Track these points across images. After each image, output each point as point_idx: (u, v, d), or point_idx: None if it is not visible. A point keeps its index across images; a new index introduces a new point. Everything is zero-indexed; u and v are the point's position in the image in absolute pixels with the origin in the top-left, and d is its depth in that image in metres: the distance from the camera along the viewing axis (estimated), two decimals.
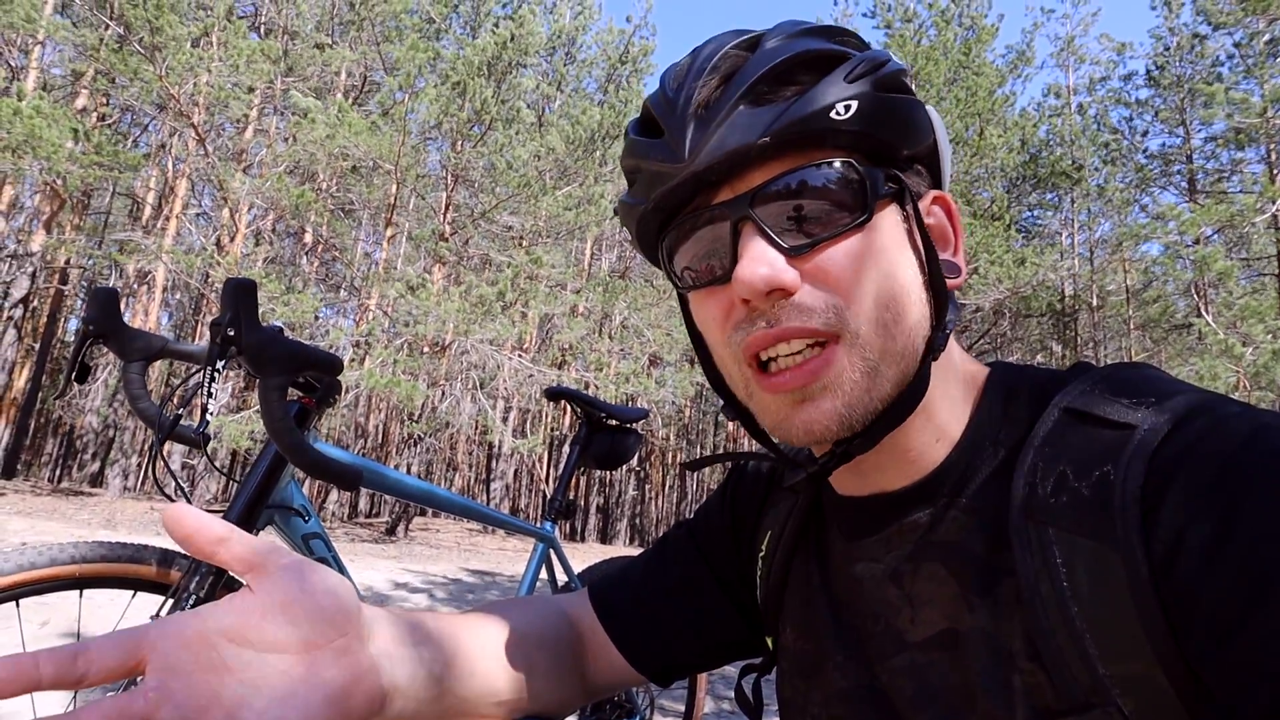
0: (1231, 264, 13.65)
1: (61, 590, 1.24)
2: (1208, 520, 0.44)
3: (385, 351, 13.30)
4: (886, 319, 0.55)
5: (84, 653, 0.43)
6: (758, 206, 0.55)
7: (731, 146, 0.54)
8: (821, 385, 0.55)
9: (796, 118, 0.53)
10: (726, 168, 0.55)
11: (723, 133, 0.54)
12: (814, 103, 0.53)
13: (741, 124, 0.54)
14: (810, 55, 0.56)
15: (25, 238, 16.39)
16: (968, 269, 10.85)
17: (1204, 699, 0.44)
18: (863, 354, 0.55)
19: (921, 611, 0.58)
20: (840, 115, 0.53)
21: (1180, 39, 19.80)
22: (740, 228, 0.56)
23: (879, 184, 0.56)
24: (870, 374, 0.55)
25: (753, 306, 0.55)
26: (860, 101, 0.54)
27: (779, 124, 0.53)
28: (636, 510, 33.16)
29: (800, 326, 0.54)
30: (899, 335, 0.56)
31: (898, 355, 0.56)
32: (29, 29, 13.45)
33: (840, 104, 0.53)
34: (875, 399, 0.56)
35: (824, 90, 0.54)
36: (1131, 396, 0.52)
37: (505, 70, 16.02)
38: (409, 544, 13.52)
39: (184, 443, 1.40)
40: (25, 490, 14.53)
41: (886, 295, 0.55)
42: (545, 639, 0.77)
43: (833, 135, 0.54)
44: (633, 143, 0.60)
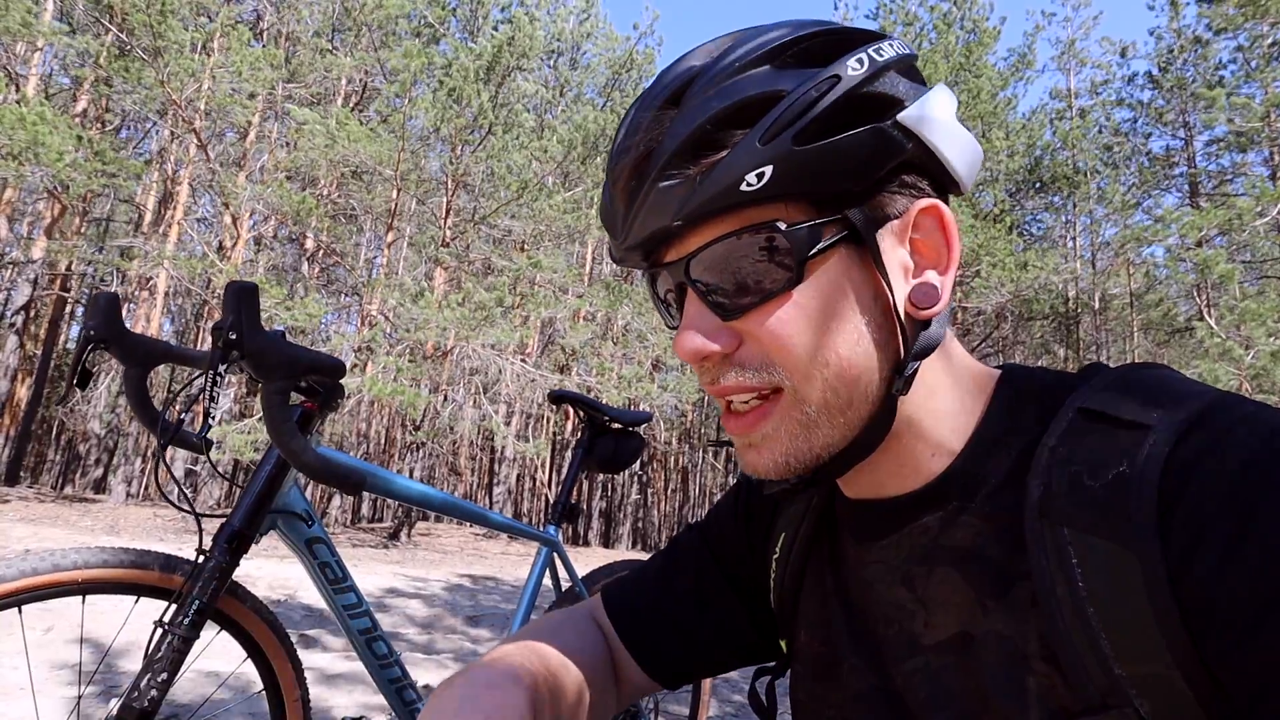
0: (1233, 267, 13.62)
1: (64, 596, 1.24)
2: (1226, 520, 0.44)
3: (387, 358, 13.31)
4: (826, 375, 0.55)
5: None
6: (694, 272, 0.57)
7: (650, 229, 0.56)
8: (760, 436, 0.58)
9: (704, 198, 0.53)
10: (655, 243, 0.58)
11: (644, 215, 0.56)
12: (721, 180, 0.52)
13: (657, 205, 0.55)
14: (730, 110, 0.53)
15: (27, 244, 16.42)
16: (970, 271, 10.76)
17: (1222, 700, 0.44)
18: (801, 409, 0.56)
19: (936, 615, 0.58)
20: (752, 185, 0.52)
21: (1183, 41, 19.80)
22: (683, 289, 0.59)
23: (810, 242, 0.54)
24: (808, 427, 0.57)
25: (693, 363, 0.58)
26: (775, 166, 0.52)
27: (689, 206, 0.53)
28: (639, 514, 33.11)
29: (736, 384, 0.57)
30: (842, 388, 0.56)
31: (840, 407, 0.56)
32: (26, 35, 13.47)
33: (751, 174, 0.52)
34: (817, 448, 0.58)
35: (734, 161, 0.52)
36: (1146, 397, 0.52)
37: (503, 75, 16.05)
38: (412, 549, 13.51)
39: (186, 448, 1.40)
40: (29, 497, 14.53)
41: (822, 353, 0.55)
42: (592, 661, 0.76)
43: (751, 203, 0.53)
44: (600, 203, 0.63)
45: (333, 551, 1.53)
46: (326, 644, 4.23)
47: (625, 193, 0.57)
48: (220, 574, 1.27)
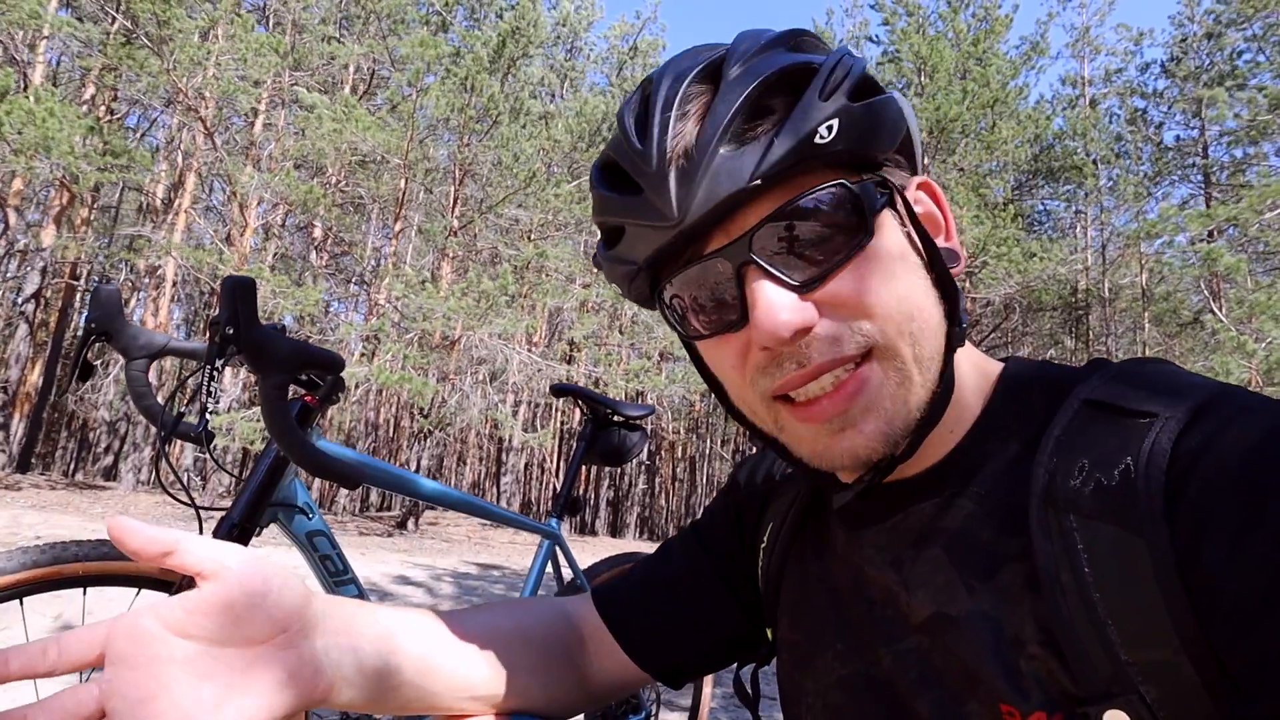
0: (1240, 259, 13.52)
1: (66, 588, 1.25)
2: (1233, 506, 0.44)
3: (395, 346, 13.34)
4: (912, 327, 0.55)
5: (54, 646, 0.49)
6: (758, 248, 0.53)
7: (722, 195, 0.51)
8: (862, 407, 0.54)
9: (784, 151, 0.51)
10: (719, 217, 0.53)
11: (709, 183, 0.51)
12: (798, 132, 0.51)
13: (727, 169, 0.51)
14: (777, 76, 0.53)
15: (36, 233, 16.49)
16: (977, 262, 10.76)
17: (1228, 686, 0.44)
18: (895, 365, 0.54)
19: (915, 595, 0.58)
20: (824, 138, 0.52)
21: (1203, 27, 19.57)
22: (744, 272, 0.54)
23: (873, 198, 0.54)
24: (905, 384, 0.55)
25: (774, 351, 0.54)
26: (840, 118, 0.52)
27: (766, 164, 0.51)
28: (647, 504, 33.21)
29: (833, 359, 0.53)
30: (924, 339, 0.55)
31: (928, 359, 0.56)
32: (34, 24, 13.50)
33: (822, 126, 0.52)
34: (914, 408, 0.56)
35: (804, 115, 0.52)
36: (1152, 388, 0.53)
37: (511, 62, 16.01)
38: (420, 538, 13.58)
39: (186, 440, 1.41)
40: (40, 484, 14.65)
41: (906, 304, 0.55)
42: (535, 636, 0.77)
43: (819, 159, 0.53)
44: (606, 200, 0.58)
45: (333, 544, 1.54)
46: None
47: (677, 166, 0.53)
48: None
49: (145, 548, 0.51)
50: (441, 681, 0.68)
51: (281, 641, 0.55)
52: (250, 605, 0.53)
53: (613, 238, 0.60)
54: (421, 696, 0.67)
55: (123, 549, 0.51)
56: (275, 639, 0.54)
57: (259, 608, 0.53)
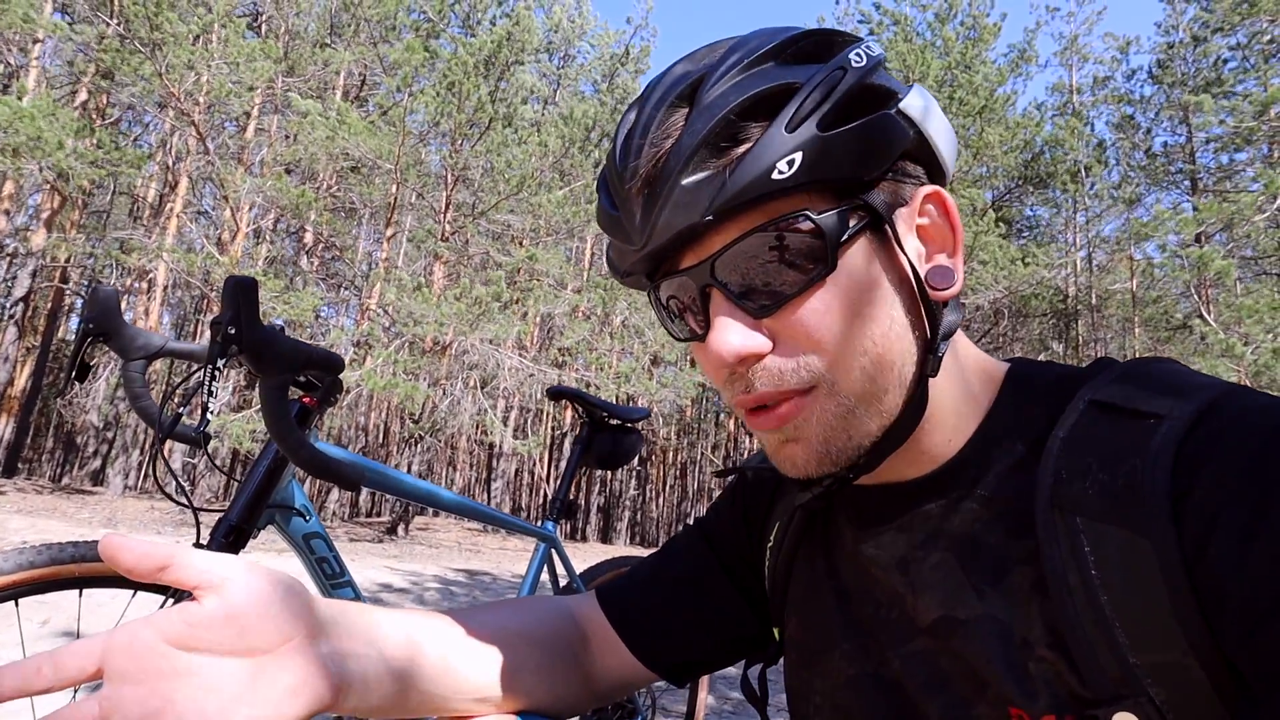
0: (1229, 262, 13.63)
1: (61, 589, 1.24)
2: (1240, 506, 0.44)
3: (386, 351, 13.31)
4: (864, 363, 0.55)
5: (49, 662, 0.47)
6: (719, 272, 0.55)
7: (677, 228, 0.53)
8: (794, 428, 0.56)
9: (736, 189, 0.52)
10: (679, 244, 0.55)
11: (668, 213, 0.53)
12: (751, 170, 0.52)
13: (684, 201, 0.53)
14: (750, 103, 0.53)
15: (26, 236, 16.40)
16: (965, 267, 10.75)
17: (1238, 688, 0.44)
18: (838, 401, 0.55)
19: (922, 598, 0.58)
20: (783, 173, 0.52)
21: (1187, 33, 19.74)
22: (708, 293, 0.56)
23: (839, 229, 0.54)
24: (846, 417, 0.56)
25: (730, 369, 0.56)
26: (804, 152, 0.52)
27: (720, 199, 0.52)
28: (637, 509, 33.17)
29: (774, 391, 0.55)
30: (879, 375, 0.55)
31: (878, 394, 0.56)
32: (27, 28, 13.45)
33: (782, 162, 0.52)
34: (857, 438, 0.57)
35: (762, 151, 0.52)
36: (1158, 388, 0.52)
37: (503, 69, 16.03)
38: (409, 544, 13.53)
39: (184, 442, 1.40)
40: (26, 488, 14.54)
41: (864, 339, 0.55)
42: (540, 636, 0.76)
43: (780, 193, 0.53)
44: (600, 210, 0.61)
45: (330, 546, 1.53)
46: None
47: (643, 193, 0.55)
48: None
49: (139, 564, 0.49)
50: (449, 684, 0.67)
51: (287, 650, 0.54)
52: (253, 615, 0.52)
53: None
54: (428, 700, 0.66)
55: (116, 567, 0.50)
56: (280, 648, 0.53)
57: (262, 617, 0.52)
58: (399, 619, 0.67)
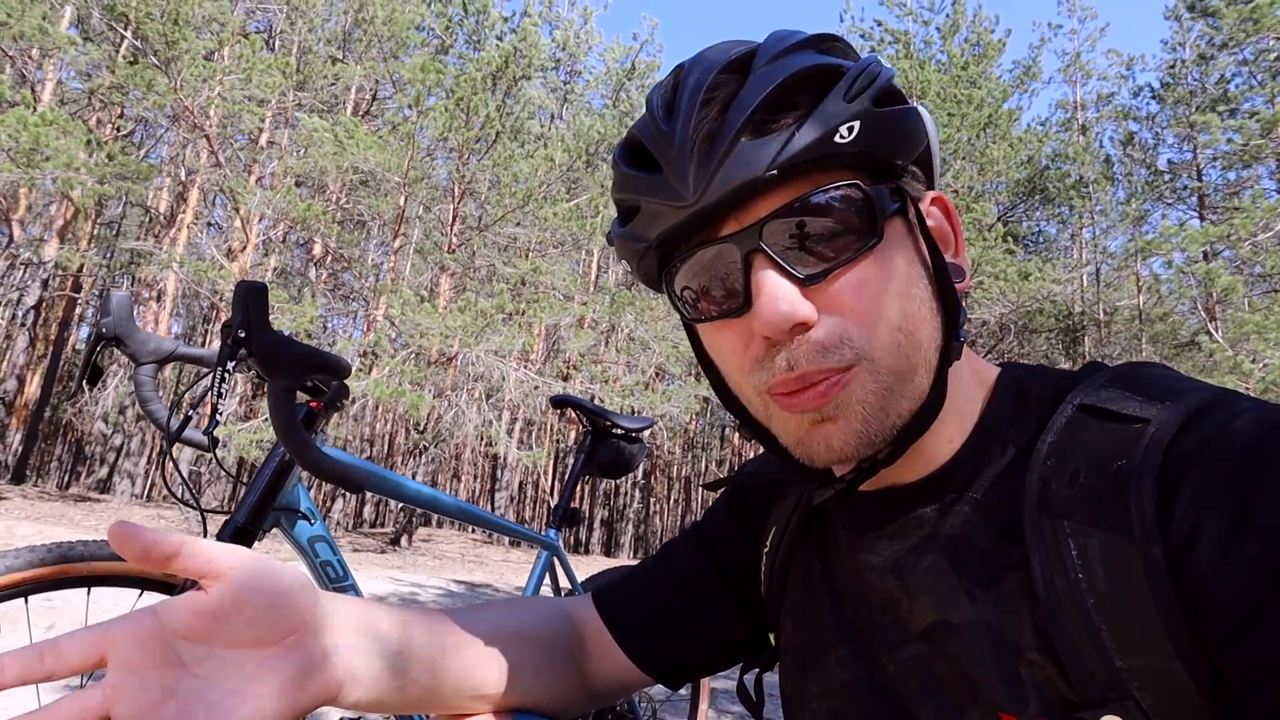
0: (1236, 279, 13.57)
1: (69, 587, 1.26)
2: (1224, 511, 0.44)
3: (392, 362, 13.34)
4: (900, 340, 0.55)
5: (51, 651, 0.46)
6: (767, 238, 0.54)
7: (739, 181, 0.52)
8: (836, 406, 0.55)
9: (803, 145, 0.52)
10: (734, 202, 0.54)
11: (728, 167, 0.53)
12: (818, 129, 0.52)
13: (746, 157, 0.52)
14: (805, 74, 0.54)
15: (39, 246, 16.52)
16: (971, 282, 10.82)
17: (1223, 691, 0.44)
18: (878, 377, 0.55)
19: (917, 603, 0.59)
20: (844, 138, 0.53)
21: (1194, 50, 19.74)
22: (751, 259, 0.55)
23: (886, 202, 0.56)
24: (885, 395, 0.55)
25: (773, 341, 0.55)
26: (862, 121, 0.53)
27: (785, 155, 0.52)
28: (641, 523, 33.04)
29: (819, 369, 0.54)
30: (913, 354, 0.56)
31: (913, 372, 0.56)
32: (41, 41, 13.59)
33: (844, 126, 0.53)
34: (893, 417, 0.56)
35: (825, 114, 0.53)
36: (1146, 393, 0.53)
37: (510, 84, 16.14)
38: (413, 554, 13.51)
39: (193, 446, 1.42)
40: (34, 495, 14.57)
41: (901, 316, 0.55)
42: (537, 636, 0.76)
43: (837, 158, 0.54)
44: (626, 177, 0.60)
45: (334, 551, 1.55)
46: None
47: (701, 149, 0.54)
48: None
49: (149, 551, 0.49)
50: (449, 681, 0.67)
51: (291, 642, 0.53)
52: (260, 607, 0.52)
53: (628, 216, 0.62)
54: (429, 695, 0.66)
55: (125, 555, 0.49)
56: (285, 640, 0.53)
57: (269, 608, 0.52)
58: (399, 615, 0.67)
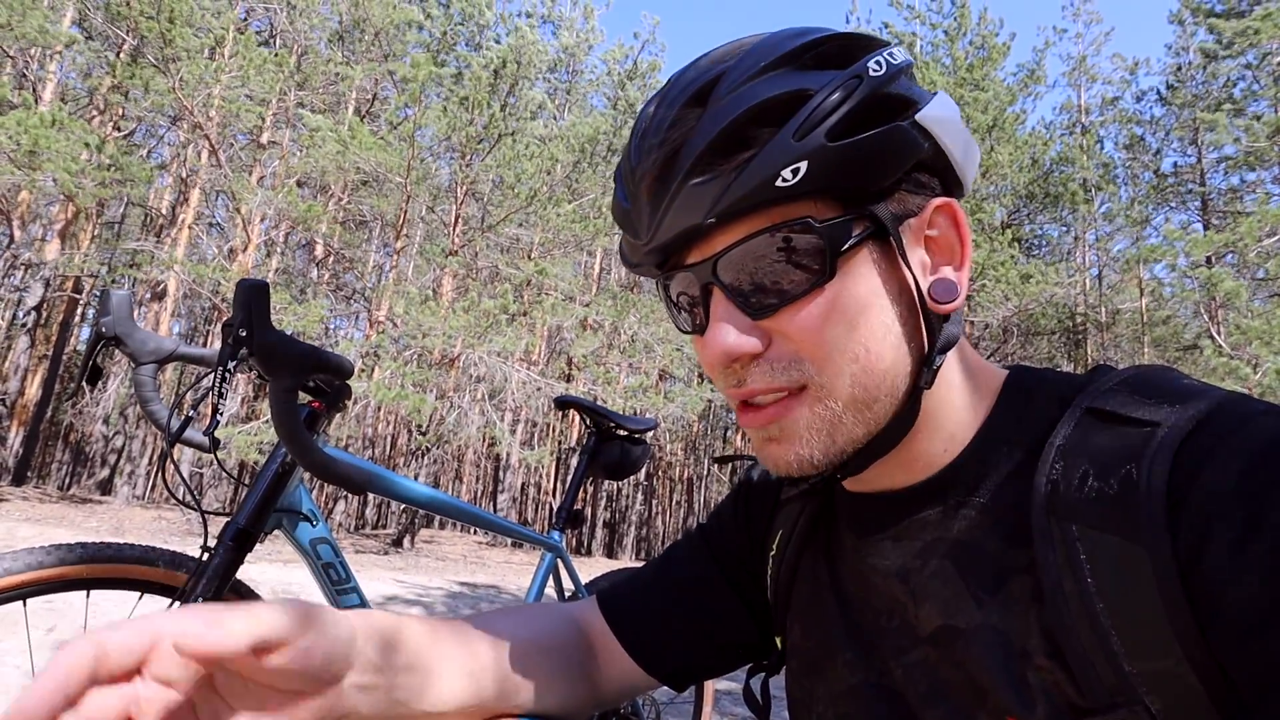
0: (1239, 283, 13.55)
1: (69, 590, 1.24)
2: (1235, 514, 0.44)
3: (394, 363, 13.34)
4: (854, 370, 0.55)
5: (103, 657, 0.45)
6: (721, 272, 0.56)
7: (680, 228, 0.55)
8: (780, 429, 0.57)
9: (739, 195, 0.52)
10: (684, 242, 0.56)
11: (673, 213, 0.55)
12: (757, 175, 0.52)
13: (688, 204, 0.54)
14: (759, 109, 0.53)
15: (40, 247, 16.53)
16: (974, 285, 10.69)
17: (1233, 696, 0.44)
18: (826, 405, 0.56)
19: (923, 608, 0.58)
20: (787, 181, 0.52)
21: (1196, 56, 19.77)
22: (709, 289, 0.57)
23: (841, 237, 0.54)
24: (833, 423, 0.56)
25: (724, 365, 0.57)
26: (810, 161, 0.52)
27: (722, 203, 0.53)
28: (644, 524, 33.04)
29: (765, 386, 0.56)
30: (869, 384, 0.56)
31: (867, 401, 0.56)
32: (43, 40, 13.61)
33: (786, 170, 0.52)
34: (840, 443, 0.57)
35: (768, 158, 0.52)
36: (1155, 396, 0.52)
37: (512, 83, 16.15)
38: (415, 556, 13.50)
39: (194, 446, 1.41)
40: (34, 497, 14.58)
41: (855, 348, 0.55)
42: (550, 646, 0.76)
43: (784, 198, 0.53)
44: (613, 201, 0.63)
45: (337, 553, 1.54)
46: None
47: (651, 191, 0.56)
48: (224, 571, 1.28)
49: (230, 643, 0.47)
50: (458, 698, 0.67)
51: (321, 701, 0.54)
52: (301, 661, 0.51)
53: None
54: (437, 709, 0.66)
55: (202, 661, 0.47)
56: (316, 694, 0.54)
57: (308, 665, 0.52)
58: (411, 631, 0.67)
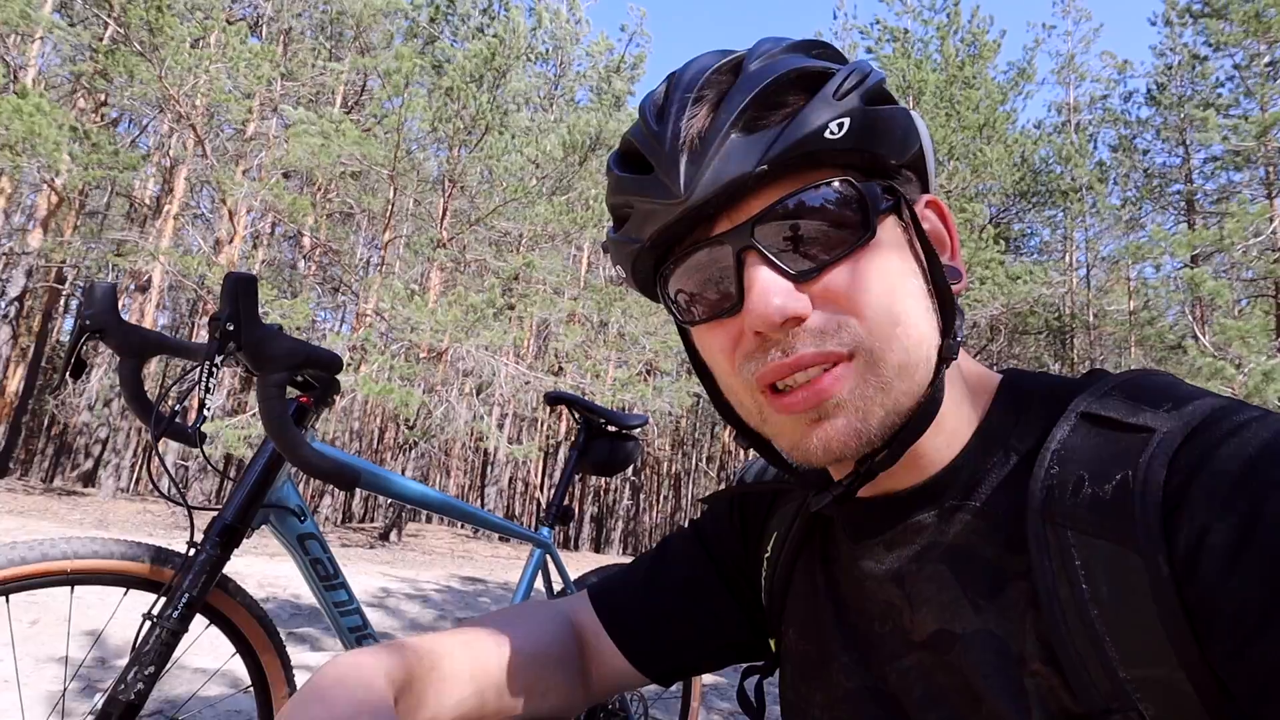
0: (1222, 283, 13.68)
1: (53, 586, 1.22)
2: (1230, 521, 0.44)
3: (381, 358, 13.28)
4: (898, 333, 0.54)
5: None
6: (759, 234, 0.54)
7: (729, 177, 0.53)
8: (835, 403, 0.54)
9: (792, 141, 0.52)
10: (724, 199, 0.54)
11: (718, 164, 0.53)
12: (807, 124, 0.53)
13: (736, 153, 0.53)
14: (796, 74, 0.55)
15: (22, 236, 16.35)
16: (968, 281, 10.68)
17: (1227, 703, 0.44)
18: (875, 370, 0.54)
19: (919, 613, 0.58)
20: (834, 134, 0.53)
21: (1183, 57, 19.90)
22: (744, 257, 0.55)
23: (878, 199, 0.55)
24: (884, 389, 0.54)
25: (765, 337, 0.54)
26: (852, 118, 0.54)
27: (775, 150, 0.52)
28: (631, 519, 33.08)
29: (816, 352, 0.54)
30: (911, 348, 0.55)
31: (911, 367, 0.55)
32: (25, 25, 13.43)
33: (834, 123, 0.53)
34: (892, 413, 0.55)
35: (816, 110, 0.53)
36: (1150, 401, 0.52)
37: (498, 73, 16.09)
38: (402, 550, 13.47)
39: (179, 440, 1.39)
40: (17, 489, 14.45)
41: (896, 310, 0.55)
42: (549, 649, 0.76)
43: (828, 155, 0.54)
44: (619, 180, 0.60)
45: (325, 548, 1.52)
46: (316, 642, 4.20)
47: (692, 146, 0.54)
48: (211, 567, 1.26)
49: None
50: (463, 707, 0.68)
51: None
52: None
53: (621, 221, 0.62)
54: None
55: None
56: None
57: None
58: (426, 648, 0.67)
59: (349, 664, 0.59)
